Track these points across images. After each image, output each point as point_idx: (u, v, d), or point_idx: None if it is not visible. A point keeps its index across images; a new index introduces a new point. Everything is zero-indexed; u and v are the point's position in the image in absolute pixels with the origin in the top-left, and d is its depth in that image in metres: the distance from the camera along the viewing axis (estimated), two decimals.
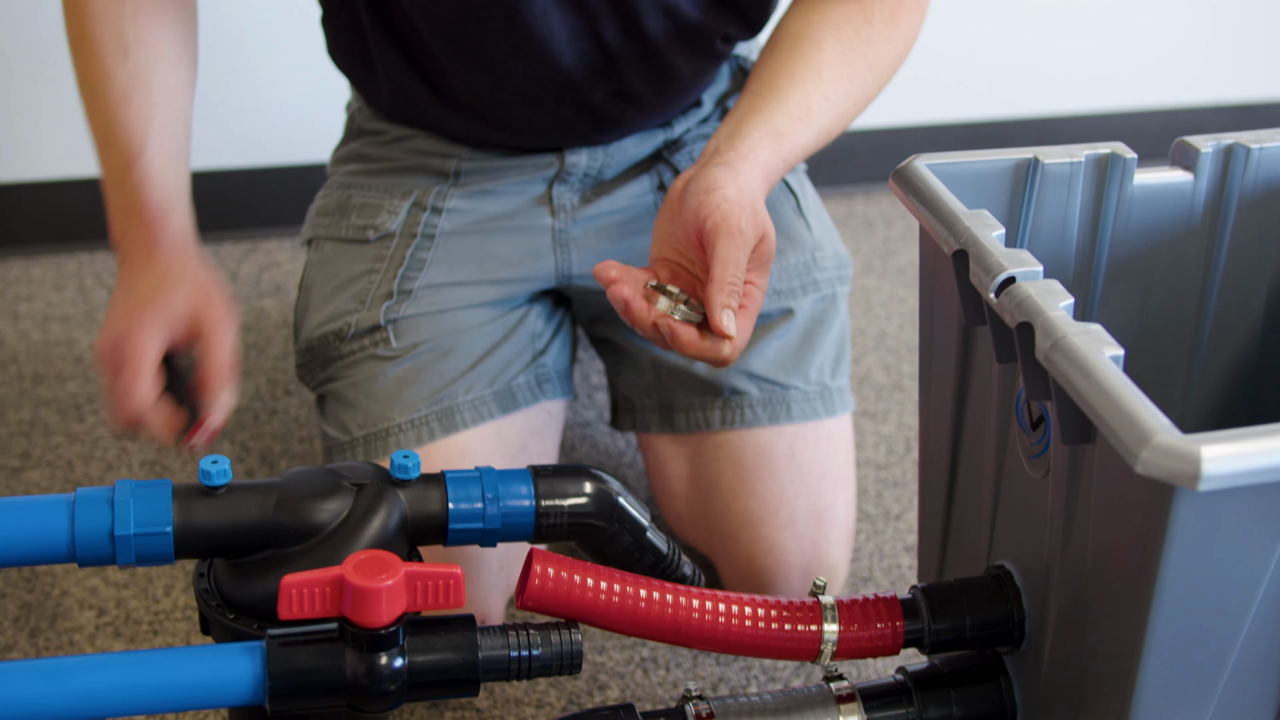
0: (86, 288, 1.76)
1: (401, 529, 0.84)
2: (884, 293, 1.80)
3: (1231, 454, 0.59)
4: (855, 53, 1.04)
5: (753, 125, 0.99)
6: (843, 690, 0.82)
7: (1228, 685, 0.70)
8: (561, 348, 1.24)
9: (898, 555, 1.35)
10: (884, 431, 1.53)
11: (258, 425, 1.51)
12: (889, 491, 1.43)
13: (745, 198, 0.94)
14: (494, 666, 0.76)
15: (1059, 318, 0.68)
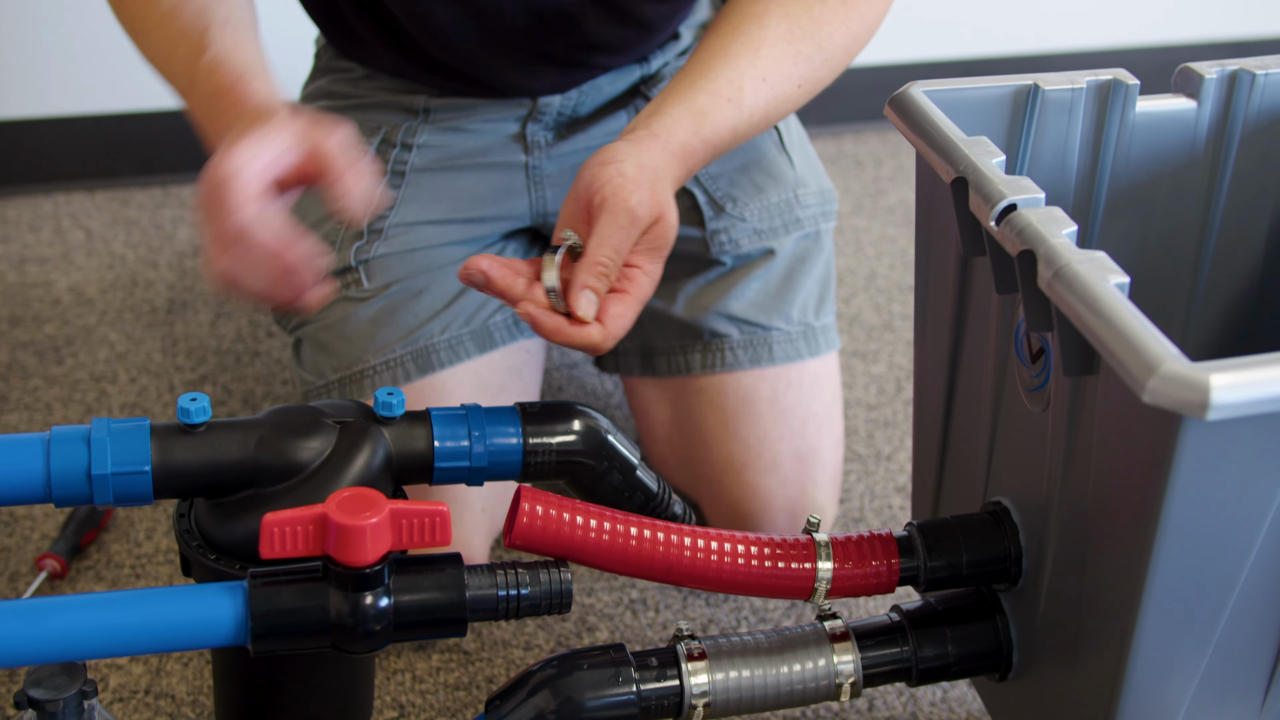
0: (63, 229, 1.73)
1: (386, 468, 0.82)
2: (874, 233, 1.78)
3: (1241, 382, 0.58)
4: (803, 31, 0.96)
5: (674, 103, 0.92)
6: (837, 629, 0.81)
7: (1229, 621, 0.69)
8: None
9: (889, 496, 1.34)
10: (875, 372, 1.51)
11: (239, 368, 1.49)
12: (880, 432, 1.42)
13: (644, 174, 0.86)
14: (482, 606, 0.75)
15: (1062, 245, 0.66)
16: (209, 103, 0.88)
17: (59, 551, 1.20)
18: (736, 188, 1.18)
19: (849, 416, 1.43)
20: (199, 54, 0.90)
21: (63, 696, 0.76)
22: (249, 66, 0.89)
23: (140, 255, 1.68)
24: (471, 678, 1.12)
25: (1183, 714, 0.73)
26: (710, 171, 1.18)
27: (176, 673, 1.12)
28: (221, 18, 0.92)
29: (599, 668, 0.78)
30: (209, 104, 0.88)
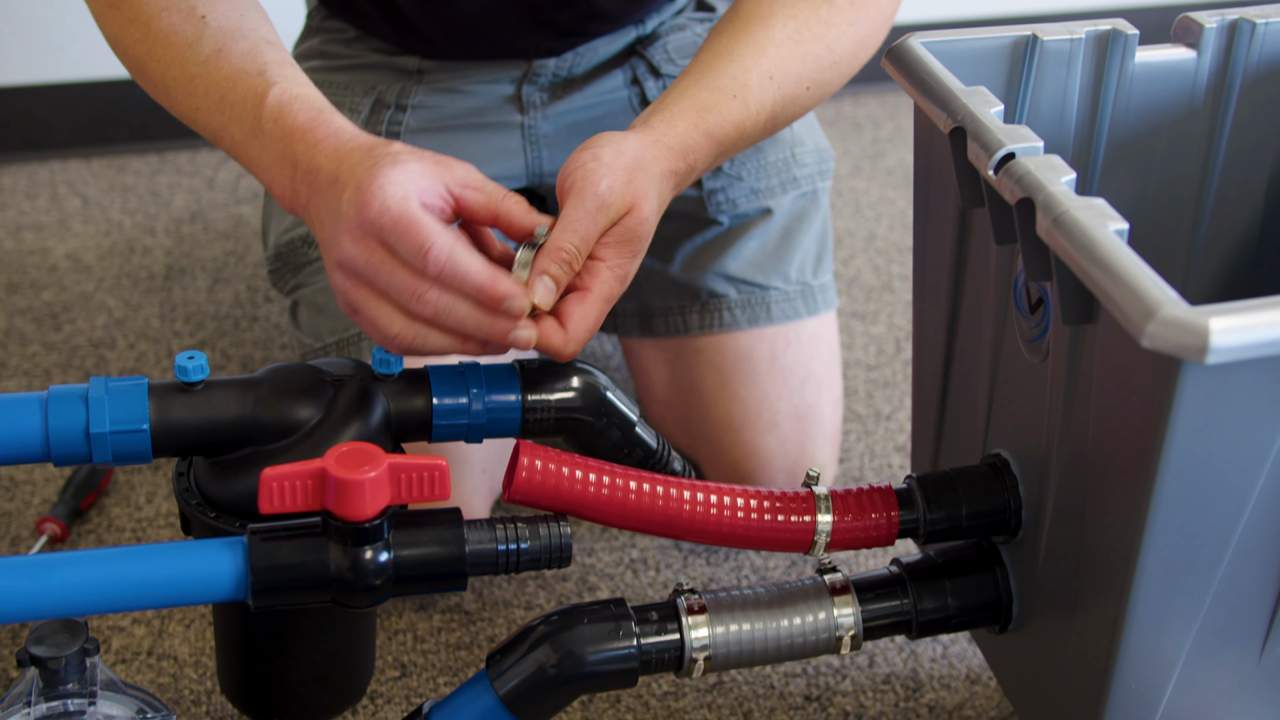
0: (59, 196, 1.73)
1: (385, 425, 0.82)
2: (873, 194, 1.77)
3: (1240, 326, 0.57)
4: (811, 32, 0.91)
5: (674, 99, 0.87)
6: (837, 582, 0.81)
7: (1228, 569, 0.69)
8: None
9: (889, 455, 1.34)
10: (874, 332, 1.51)
11: (238, 332, 1.49)
12: (879, 392, 1.42)
13: (620, 161, 0.80)
14: (481, 560, 0.75)
15: (1061, 192, 0.66)
16: (285, 142, 0.80)
17: (59, 515, 1.20)
18: None
19: (848, 377, 1.43)
20: (262, 94, 0.81)
21: (64, 654, 0.76)
22: (322, 101, 0.82)
23: (137, 222, 1.68)
24: (473, 637, 1.12)
25: (1181, 664, 0.73)
26: None
27: (179, 634, 1.12)
28: (277, 58, 0.84)
29: (599, 622, 0.78)
30: (285, 143, 0.80)
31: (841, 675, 1.10)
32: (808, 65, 0.91)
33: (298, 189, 0.80)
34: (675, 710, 1.07)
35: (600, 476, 0.77)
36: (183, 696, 1.07)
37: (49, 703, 0.75)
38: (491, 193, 0.79)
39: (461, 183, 0.78)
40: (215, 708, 1.06)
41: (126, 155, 1.81)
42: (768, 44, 0.90)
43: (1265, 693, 0.75)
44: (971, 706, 1.07)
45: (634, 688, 1.08)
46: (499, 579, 1.18)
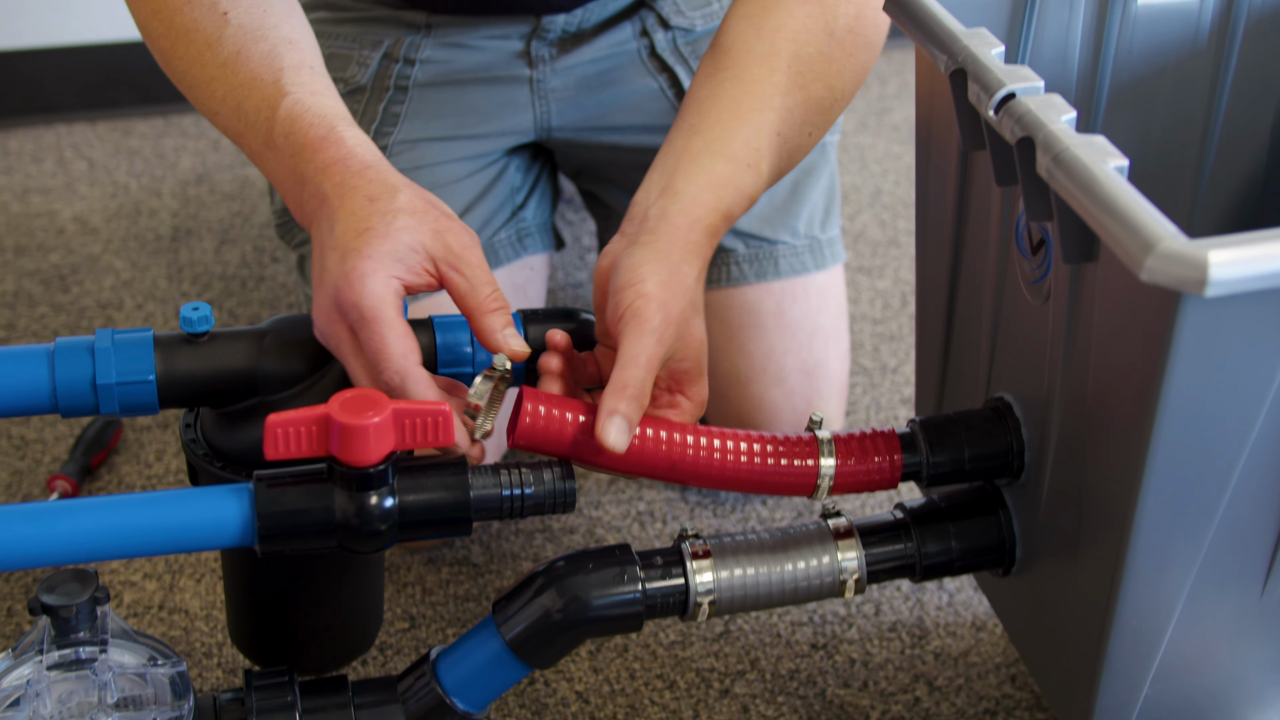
0: (66, 159, 1.73)
1: None
2: (879, 150, 1.76)
3: (1239, 258, 0.57)
4: (813, 72, 0.86)
5: (689, 177, 0.82)
6: (840, 526, 0.81)
7: (1228, 507, 0.69)
8: (540, 201, 1.22)
9: (895, 408, 1.34)
10: (880, 287, 1.51)
11: (245, 292, 1.49)
12: (885, 345, 1.42)
13: (668, 294, 0.77)
14: (486, 505, 0.75)
15: (1061, 130, 0.66)
16: (295, 160, 0.79)
17: (69, 473, 1.21)
18: None
19: (855, 331, 1.43)
20: (274, 104, 0.80)
21: (75, 603, 0.77)
22: (336, 114, 0.80)
23: (143, 184, 1.68)
24: (481, 589, 1.13)
25: (1183, 602, 0.73)
26: None
27: (189, 588, 1.13)
28: (294, 61, 0.82)
29: (605, 567, 0.78)
30: (295, 161, 0.79)
31: (848, 623, 1.11)
32: (810, 110, 0.87)
33: (305, 204, 0.80)
34: (683, 659, 1.07)
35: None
36: (194, 649, 1.08)
37: (61, 651, 0.76)
38: (476, 287, 0.77)
39: (451, 263, 0.76)
40: (226, 660, 1.07)
41: (132, 118, 1.81)
42: (774, 94, 0.84)
43: (1267, 630, 0.75)
44: (977, 653, 1.08)
45: (641, 636, 1.08)
46: (507, 532, 1.19)
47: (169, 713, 0.74)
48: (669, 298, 0.77)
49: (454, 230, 0.77)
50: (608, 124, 1.17)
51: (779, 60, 0.85)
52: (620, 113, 1.17)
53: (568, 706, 1.04)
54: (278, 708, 0.77)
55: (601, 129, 1.17)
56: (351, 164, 0.78)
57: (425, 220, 0.76)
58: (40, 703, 0.73)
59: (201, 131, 1.79)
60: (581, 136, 1.17)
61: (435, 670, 0.79)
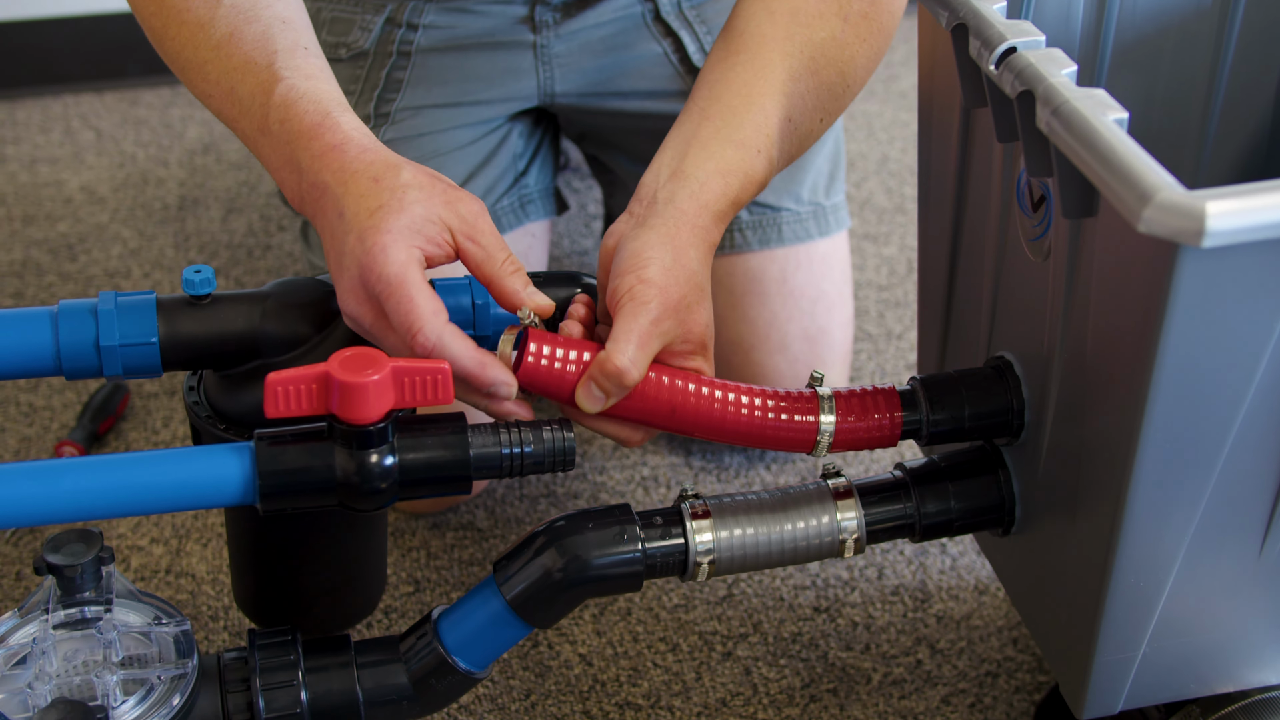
0: (73, 129, 1.73)
1: None
2: (886, 117, 1.76)
3: (1237, 209, 0.57)
4: (826, 59, 0.84)
5: (698, 162, 0.81)
6: (840, 486, 0.81)
7: (1226, 463, 0.69)
8: (542, 167, 1.21)
9: (899, 374, 1.34)
10: (886, 254, 1.51)
11: (251, 261, 1.49)
12: (890, 312, 1.42)
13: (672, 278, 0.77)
14: (486, 464, 0.75)
15: (1061, 83, 0.65)
16: (290, 147, 0.78)
17: (77, 439, 1.22)
18: None
19: (860, 298, 1.43)
20: (269, 90, 0.79)
21: (80, 562, 0.77)
22: (331, 99, 0.79)
23: (150, 154, 1.68)
24: (485, 554, 1.14)
25: (1180, 560, 0.73)
26: None
27: (196, 553, 1.13)
28: (288, 43, 0.80)
29: (605, 527, 0.78)
30: (290, 149, 0.78)
31: (850, 587, 1.11)
32: (823, 96, 0.85)
33: (304, 195, 0.78)
34: (686, 622, 1.08)
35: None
36: (200, 612, 1.08)
37: (66, 610, 0.76)
38: (492, 254, 0.77)
39: (466, 233, 0.76)
40: (232, 623, 1.07)
41: (139, 88, 1.81)
42: (786, 78, 0.84)
43: (1265, 587, 0.75)
44: (979, 616, 1.08)
45: (644, 600, 1.09)
46: (512, 497, 1.19)
47: (173, 671, 0.75)
48: (669, 283, 0.77)
49: (463, 200, 0.77)
50: (612, 89, 1.17)
51: (791, 45, 0.84)
52: (624, 78, 1.16)
53: (571, 669, 1.04)
54: (280, 666, 0.78)
55: (606, 94, 1.17)
56: (349, 149, 0.77)
57: (434, 192, 0.76)
58: (46, 661, 0.74)
59: None
60: (585, 102, 1.17)
61: (437, 630, 0.79)
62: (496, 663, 1.03)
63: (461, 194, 0.78)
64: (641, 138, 1.19)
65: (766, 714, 1.01)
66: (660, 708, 1.01)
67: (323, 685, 0.77)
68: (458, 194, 0.77)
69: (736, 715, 1.01)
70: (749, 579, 1.11)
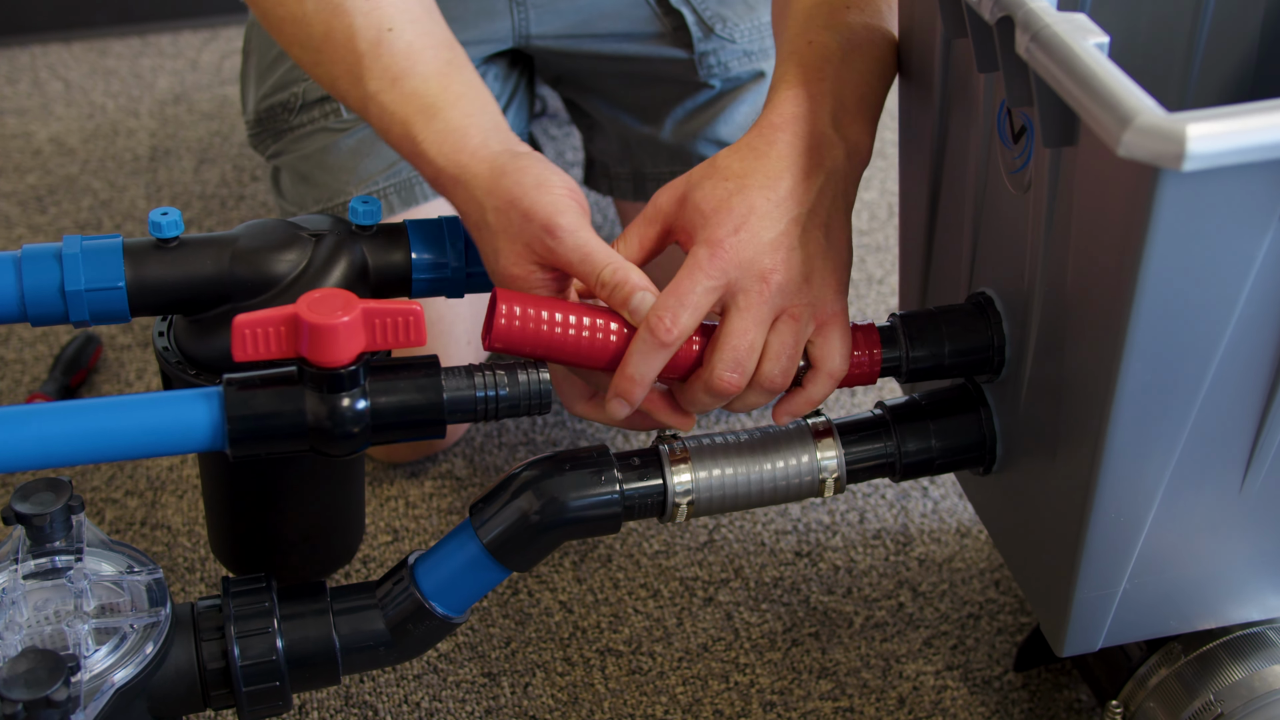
0: (41, 80, 1.70)
1: (363, 279, 0.81)
2: None
3: (1217, 131, 0.56)
4: None
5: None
6: (820, 425, 0.80)
7: (1207, 397, 0.68)
8: (518, 111, 1.20)
9: (881, 318, 1.33)
10: (866, 198, 1.49)
11: (224, 211, 1.47)
12: (871, 256, 1.41)
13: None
14: (459, 406, 0.74)
15: (1040, 8, 0.64)
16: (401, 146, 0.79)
17: (49, 392, 1.20)
18: (726, 6, 1.14)
19: None
20: (365, 110, 0.79)
21: (49, 510, 0.76)
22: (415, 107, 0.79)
23: (120, 105, 1.66)
24: (464, 502, 1.13)
25: (1160, 496, 0.72)
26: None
27: (171, 505, 1.12)
28: (371, 38, 0.79)
29: (582, 468, 0.77)
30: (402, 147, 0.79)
31: (832, 531, 1.10)
32: None
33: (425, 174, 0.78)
34: (667, 568, 1.07)
35: (580, 318, 0.76)
36: (177, 564, 1.07)
37: (36, 559, 0.75)
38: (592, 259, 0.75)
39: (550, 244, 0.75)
40: (209, 574, 1.06)
41: (108, 38, 1.78)
42: None
43: (1245, 523, 0.75)
44: (961, 559, 1.08)
45: (625, 546, 1.08)
46: (490, 445, 1.18)
47: (146, 619, 0.74)
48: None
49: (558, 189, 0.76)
50: (589, 31, 1.15)
51: None
52: (602, 19, 1.15)
53: (551, 616, 1.04)
54: (255, 613, 0.77)
55: (583, 36, 1.15)
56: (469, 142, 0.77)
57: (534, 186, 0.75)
58: (16, 610, 0.73)
59: (179, 51, 1.76)
60: (562, 44, 1.15)
61: (413, 575, 0.78)
62: (476, 610, 1.02)
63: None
64: (619, 81, 1.17)
65: (748, 658, 1.00)
66: (641, 653, 1.01)
67: (298, 632, 0.76)
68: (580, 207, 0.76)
69: (718, 660, 1.00)
70: (730, 524, 1.10)
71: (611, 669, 1.00)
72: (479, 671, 1.00)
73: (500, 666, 1.00)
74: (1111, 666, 0.88)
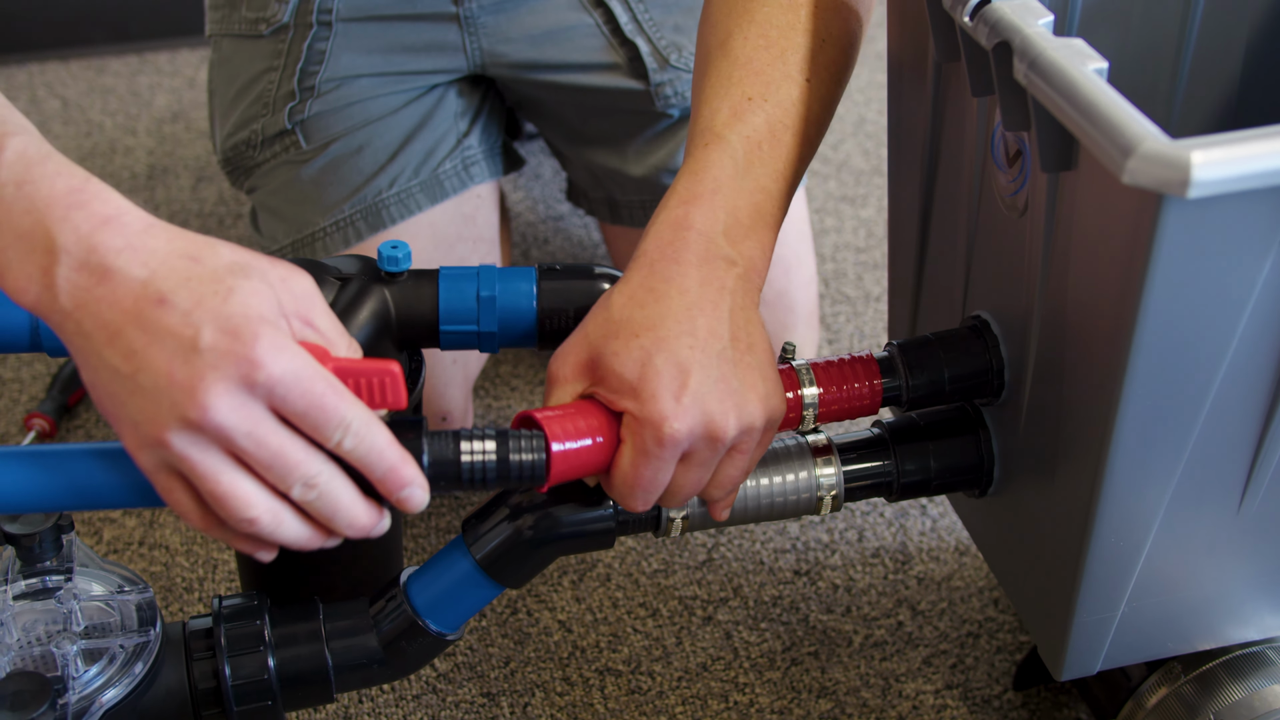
0: (39, 98, 1.70)
1: (386, 328, 0.77)
2: (862, 79, 1.74)
3: (1222, 158, 0.56)
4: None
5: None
6: (819, 443, 0.80)
7: (1207, 420, 0.68)
8: (487, 125, 1.17)
9: (879, 335, 1.33)
10: (863, 216, 1.49)
11: (222, 230, 1.47)
12: (869, 274, 1.41)
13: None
14: (443, 474, 0.70)
15: (1038, 34, 0.64)
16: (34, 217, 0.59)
17: (46, 411, 1.20)
18: (682, 34, 1.13)
19: (838, 260, 1.42)
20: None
21: (39, 530, 0.76)
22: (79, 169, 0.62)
23: (118, 123, 1.66)
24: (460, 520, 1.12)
25: (1160, 519, 0.72)
26: (653, 18, 1.12)
27: (170, 524, 1.12)
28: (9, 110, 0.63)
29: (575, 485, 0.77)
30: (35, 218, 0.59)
31: (830, 550, 1.10)
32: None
33: (60, 284, 0.58)
34: (665, 587, 1.07)
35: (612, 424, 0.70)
36: (175, 584, 1.07)
37: (26, 579, 0.75)
38: (332, 340, 0.64)
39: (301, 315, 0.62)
40: (206, 594, 1.06)
41: (105, 56, 1.78)
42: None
43: (1242, 544, 0.75)
44: (960, 577, 1.08)
45: (623, 565, 1.08)
46: None
47: (135, 639, 0.74)
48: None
49: (294, 275, 0.63)
50: (543, 61, 1.13)
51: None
52: (555, 49, 1.13)
53: (550, 635, 1.03)
54: (247, 633, 0.76)
55: (537, 66, 1.13)
56: (129, 222, 0.59)
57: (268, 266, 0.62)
58: (5, 631, 0.73)
59: (176, 69, 1.76)
60: (517, 74, 1.14)
61: (406, 592, 0.78)
62: (475, 630, 1.02)
63: (290, 268, 0.64)
64: (576, 111, 1.16)
65: (748, 678, 1.00)
66: (641, 673, 1.01)
67: (291, 651, 0.76)
68: (287, 268, 0.63)
69: (717, 679, 1.00)
70: (728, 543, 1.10)
71: (611, 689, 1.00)
72: (478, 691, 0.99)
73: (499, 686, 1.00)
74: (1111, 686, 0.88)
